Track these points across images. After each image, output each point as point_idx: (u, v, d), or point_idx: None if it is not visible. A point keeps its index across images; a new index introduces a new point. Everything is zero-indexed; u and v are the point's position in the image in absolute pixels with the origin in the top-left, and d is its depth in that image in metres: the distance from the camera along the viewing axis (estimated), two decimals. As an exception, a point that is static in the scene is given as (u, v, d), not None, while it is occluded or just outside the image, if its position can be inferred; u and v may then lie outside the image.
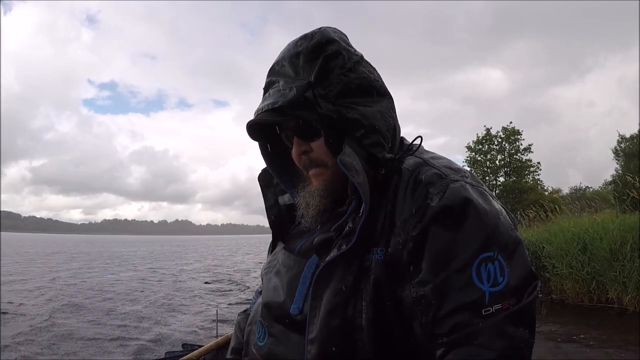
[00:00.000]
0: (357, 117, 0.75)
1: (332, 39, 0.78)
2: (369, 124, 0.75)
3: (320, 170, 0.80)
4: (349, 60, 0.78)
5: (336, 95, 0.75)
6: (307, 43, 0.77)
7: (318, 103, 0.74)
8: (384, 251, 0.69)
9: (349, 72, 0.77)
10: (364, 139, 0.74)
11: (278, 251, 0.90)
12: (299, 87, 0.75)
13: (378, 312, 0.68)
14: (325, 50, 0.77)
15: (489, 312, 0.61)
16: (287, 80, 0.77)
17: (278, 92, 0.77)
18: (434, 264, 0.65)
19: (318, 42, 0.77)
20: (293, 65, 0.78)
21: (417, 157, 0.77)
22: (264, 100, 0.79)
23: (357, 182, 0.70)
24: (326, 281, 0.71)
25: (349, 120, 0.74)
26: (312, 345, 0.70)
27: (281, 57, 0.81)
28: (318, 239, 0.77)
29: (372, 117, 0.76)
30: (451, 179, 0.70)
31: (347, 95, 0.76)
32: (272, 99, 0.77)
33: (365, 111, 0.76)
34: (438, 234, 0.66)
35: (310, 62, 0.76)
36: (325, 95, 0.75)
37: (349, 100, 0.76)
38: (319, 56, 0.76)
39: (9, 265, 19.74)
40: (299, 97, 0.74)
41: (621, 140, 19.33)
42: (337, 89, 0.75)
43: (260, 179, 0.94)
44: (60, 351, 6.18)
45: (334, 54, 0.77)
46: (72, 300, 10.58)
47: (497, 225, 0.67)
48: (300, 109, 0.74)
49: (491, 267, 0.63)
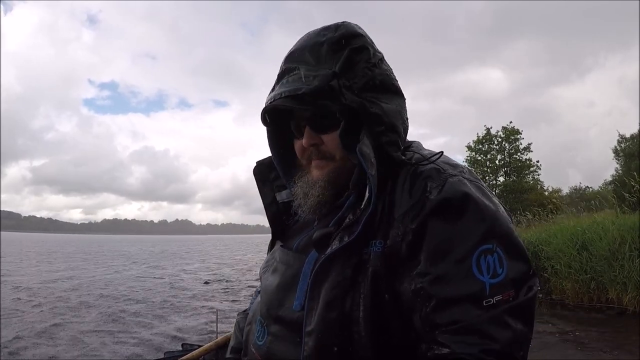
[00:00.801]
0: (378, 112, 0.74)
1: (359, 33, 0.78)
2: (389, 121, 0.75)
3: (325, 163, 0.80)
4: (374, 56, 0.78)
5: (360, 88, 0.75)
6: (332, 34, 0.77)
7: (343, 93, 0.73)
8: (382, 244, 0.69)
9: (374, 68, 0.77)
10: (383, 135, 0.74)
11: (276, 249, 0.89)
12: (323, 75, 0.73)
13: (376, 304, 0.68)
14: (351, 43, 0.76)
15: (490, 303, 0.61)
16: (309, 68, 0.76)
17: (299, 80, 0.75)
18: (433, 256, 0.65)
19: (344, 34, 0.77)
20: (315, 54, 0.76)
21: (415, 153, 0.77)
22: (282, 87, 0.77)
23: (370, 174, 0.70)
24: (325, 274, 0.71)
25: (370, 114, 0.74)
26: (309, 337, 0.70)
27: (301, 46, 0.79)
28: (317, 234, 0.77)
29: (393, 115, 0.76)
30: (449, 173, 0.71)
31: (370, 89, 0.75)
32: (292, 85, 0.75)
33: (387, 108, 0.76)
34: (437, 226, 0.66)
35: (335, 52, 0.75)
36: (350, 86, 0.74)
37: (372, 95, 0.75)
38: (345, 48, 0.75)
39: (9, 265, 19.72)
40: (323, 86, 0.72)
41: (621, 140, 19.34)
42: (361, 82, 0.75)
43: (256, 173, 0.92)
44: (59, 351, 6.18)
45: (360, 48, 0.77)
46: (72, 300, 10.58)
47: (496, 217, 0.67)
48: (324, 98, 0.73)
49: (490, 259, 0.64)
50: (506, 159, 21.78)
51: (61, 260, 26.15)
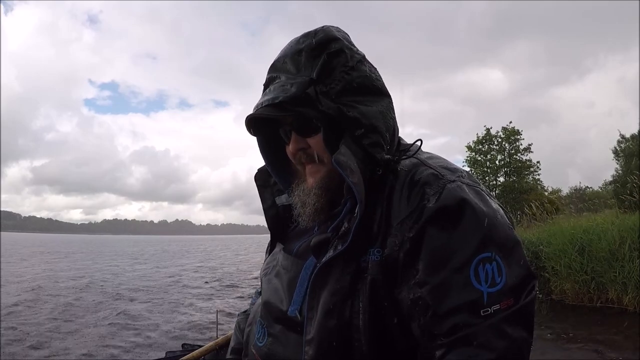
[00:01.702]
0: (357, 115, 0.74)
1: (336, 37, 0.78)
2: (369, 123, 0.75)
3: (317, 167, 0.80)
4: (352, 59, 0.78)
5: (338, 93, 0.75)
6: (310, 40, 0.77)
7: (319, 100, 0.73)
8: (380, 252, 0.69)
9: (351, 71, 0.77)
10: (364, 138, 0.74)
11: (277, 252, 0.89)
12: (300, 83, 0.74)
13: (375, 312, 0.68)
14: (328, 48, 0.76)
15: (488, 313, 0.61)
16: (288, 77, 0.77)
17: (279, 88, 0.76)
18: (432, 265, 0.65)
19: (321, 40, 0.77)
20: (295, 61, 0.77)
21: (413, 158, 0.77)
22: (264, 96, 0.78)
23: (351, 181, 0.70)
24: (323, 282, 0.71)
25: (349, 119, 0.74)
26: (309, 346, 0.70)
27: (283, 54, 0.80)
28: (315, 240, 0.77)
29: (373, 116, 0.76)
30: (447, 179, 0.70)
31: (348, 93, 0.75)
32: (272, 94, 0.76)
33: (366, 110, 0.76)
34: (435, 235, 0.66)
35: (313, 59, 0.76)
36: (327, 92, 0.74)
37: (350, 98, 0.75)
38: (322, 53, 0.76)
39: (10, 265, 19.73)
40: (300, 93, 0.73)
41: (621, 140, 19.34)
42: (338, 87, 0.75)
43: (257, 179, 0.93)
44: (58, 350, 6.18)
45: (336, 52, 0.77)
46: (72, 299, 10.57)
47: (494, 225, 0.67)
48: (301, 105, 0.74)
49: (489, 268, 0.63)
50: (506, 159, 21.77)
51: (60, 260, 26.14)
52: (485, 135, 22.00)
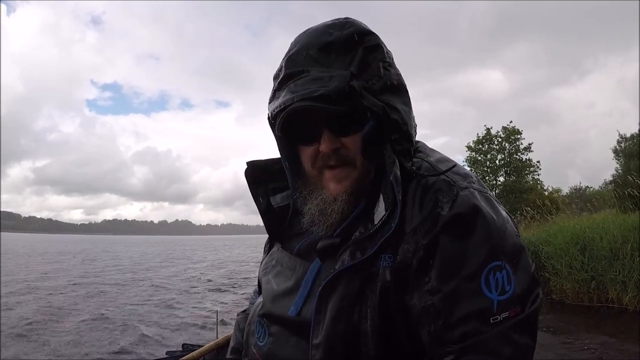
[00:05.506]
0: (397, 119, 0.71)
1: (369, 31, 0.74)
2: (405, 130, 0.73)
3: (346, 172, 0.74)
4: (388, 55, 0.75)
5: (379, 89, 0.71)
6: (340, 32, 0.72)
7: (363, 95, 0.68)
8: (392, 258, 0.68)
9: (390, 68, 0.74)
10: (397, 144, 0.71)
11: (275, 251, 0.88)
12: (341, 76, 0.68)
13: (383, 318, 0.67)
14: (363, 41, 0.72)
15: (497, 321, 0.62)
16: (320, 70, 0.70)
17: (313, 82, 0.69)
18: (444, 272, 0.64)
19: (354, 32, 0.72)
20: (324, 55, 0.71)
21: (423, 160, 0.74)
22: (290, 91, 0.70)
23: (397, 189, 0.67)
24: (333, 288, 0.70)
25: (390, 121, 0.71)
26: (316, 350, 0.70)
27: (303, 47, 0.73)
28: (322, 244, 0.75)
29: (409, 123, 0.73)
30: (460, 186, 0.69)
31: (387, 91, 0.72)
32: (307, 87, 0.68)
33: (404, 114, 0.73)
34: (448, 243, 0.65)
35: (346, 52, 0.71)
36: (369, 87, 0.70)
37: (389, 97, 0.72)
38: (357, 47, 0.71)
39: (9, 265, 19.72)
40: (343, 87, 0.67)
41: (621, 140, 19.35)
42: (379, 84, 0.71)
43: (248, 175, 0.86)
44: (58, 350, 6.17)
45: (373, 46, 0.73)
46: (72, 300, 10.57)
47: (504, 233, 0.67)
48: (344, 100, 0.67)
49: (499, 276, 0.63)
50: (506, 159, 21.75)
51: (58, 260, 26.11)
52: (485, 135, 21.97)
